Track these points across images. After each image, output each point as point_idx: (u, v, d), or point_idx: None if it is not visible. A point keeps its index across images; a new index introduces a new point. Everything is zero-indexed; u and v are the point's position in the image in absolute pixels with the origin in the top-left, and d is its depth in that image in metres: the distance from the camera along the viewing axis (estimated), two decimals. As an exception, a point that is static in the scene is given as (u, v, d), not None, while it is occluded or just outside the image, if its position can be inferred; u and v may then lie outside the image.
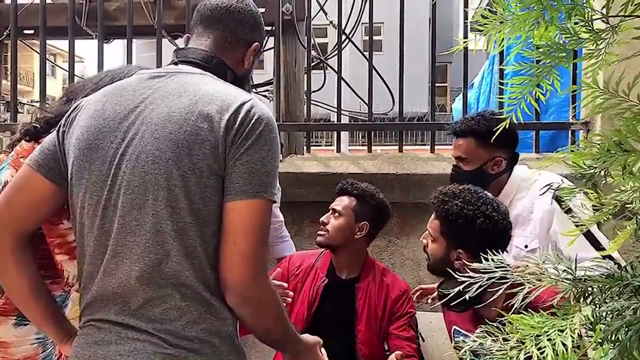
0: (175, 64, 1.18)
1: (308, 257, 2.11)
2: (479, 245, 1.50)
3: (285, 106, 3.13)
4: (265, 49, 3.52)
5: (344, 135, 8.64)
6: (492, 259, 1.05)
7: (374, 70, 3.87)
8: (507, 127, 1.05)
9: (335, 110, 2.92)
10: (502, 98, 1.90)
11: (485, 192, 1.65)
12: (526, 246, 1.84)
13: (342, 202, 2.02)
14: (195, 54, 1.18)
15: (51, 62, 6.22)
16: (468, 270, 1.53)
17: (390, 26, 2.72)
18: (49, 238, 1.34)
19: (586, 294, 0.99)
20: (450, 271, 1.56)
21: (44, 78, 2.85)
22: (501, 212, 1.58)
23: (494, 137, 1.17)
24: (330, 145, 11.42)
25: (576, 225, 1.19)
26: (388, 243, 2.67)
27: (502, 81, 2.66)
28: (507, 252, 1.87)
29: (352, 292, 1.98)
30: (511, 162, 1.91)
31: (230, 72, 1.20)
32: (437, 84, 18.00)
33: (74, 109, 1.17)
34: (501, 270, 1.01)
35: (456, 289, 1.12)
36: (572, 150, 1.00)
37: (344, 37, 4.00)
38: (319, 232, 2.02)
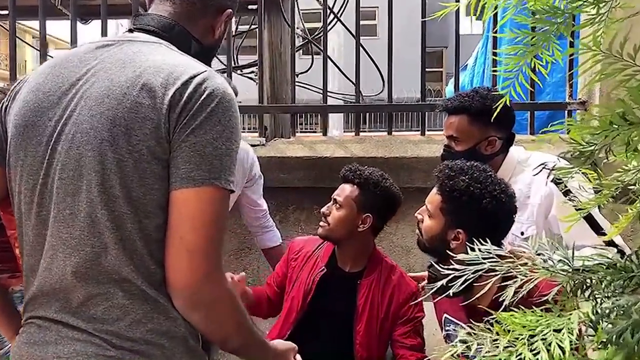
0: (131, 31, 1.04)
1: (310, 243, 1.97)
2: (480, 227, 1.43)
3: (270, 88, 3.00)
4: (250, 29, 3.39)
5: (338, 119, 8.52)
6: (480, 249, 0.94)
7: (364, 52, 3.74)
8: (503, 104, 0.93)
9: (332, 94, 2.79)
10: (496, 71, 1.75)
11: (493, 171, 1.55)
12: (522, 233, 1.73)
13: (343, 192, 1.84)
14: (154, 21, 1.03)
15: (30, 45, 6.04)
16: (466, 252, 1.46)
17: (386, 10, 2.59)
18: (8, 230, 1.25)
19: (584, 287, 0.88)
20: (444, 252, 1.46)
21: (14, 60, 2.71)
22: (509, 194, 1.48)
23: (489, 115, 1.05)
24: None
25: (576, 209, 1.09)
26: (377, 230, 2.56)
27: (495, 51, 2.53)
28: None
29: (354, 287, 1.82)
30: (507, 143, 1.79)
31: (196, 43, 1.07)
32: (432, 69, 17.93)
33: (18, 82, 1.05)
34: (490, 262, 0.90)
35: (449, 277, 1.01)
36: (569, 124, 0.89)
37: (332, 16, 3.87)
38: (320, 224, 1.87)
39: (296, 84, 2.85)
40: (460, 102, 1.75)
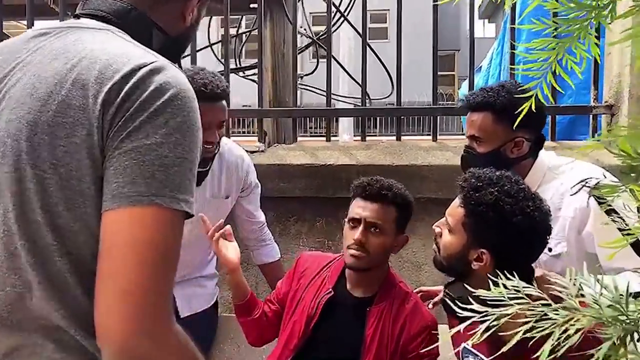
0: (77, 17, 0.86)
1: (318, 260, 1.74)
2: (508, 249, 1.24)
3: (272, 91, 2.83)
4: (253, 28, 3.22)
5: (349, 124, 8.33)
6: (504, 285, 0.76)
7: (373, 54, 3.56)
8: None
9: (337, 97, 2.60)
10: (514, 70, 1.56)
11: (527, 184, 1.34)
12: (550, 249, 1.53)
13: (381, 213, 1.58)
14: (106, 4, 0.84)
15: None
16: (488, 277, 1.25)
17: (395, 15, 2.41)
18: None
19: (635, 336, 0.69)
20: (464, 273, 1.30)
21: None
22: (544, 211, 1.28)
23: (517, 112, 0.87)
24: (335, 135, 11.08)
25: (620, 231, 0.90)
26: (384, 243, 2.36)
27: (516, 44, 2.32)
28: None
29: (363, 315, 1.60)
30: (535, 146, 1.58)
31: (159, 32, 0.88)
32: (444, 72, 17.71)
33: None
34: (518, 303, 0.72)
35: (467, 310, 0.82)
36: (620, 135, 0.70)
37: (341, 17, 3.70)
38: (352, 253, 1.58)
39: (302, 86, 2.67)
40: (484, 97, 1.55)
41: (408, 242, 1.69)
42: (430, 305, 1.74)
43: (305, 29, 3.62)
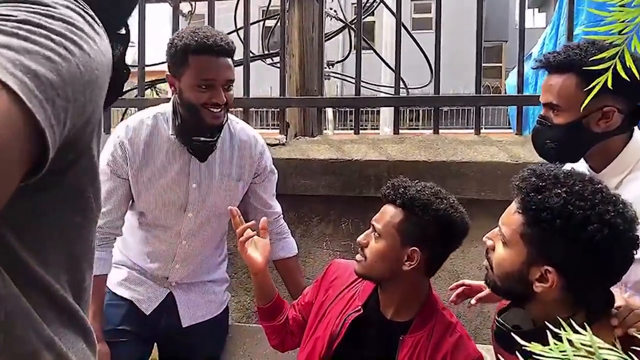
0: None
1: (350, 270, 1.50)
2: (582, 267, 0.98)
3: (299, 79, 2.60)
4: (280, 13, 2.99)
5: (390, 115, 8.05)
6: (570, 341, 0.51)
7: (413, 43, 3.28)
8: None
9: (372, 86, 2.37)
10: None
11: (604, 183, 1.08)
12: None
13: (383, 216, 1.39)
14: None
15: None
16: (556, 302, 1.01)
17: (441, 3, 2.16)
18: None
19: None
20: (524, 295, 1.05)
21: None
22: (629, 218, 1.00)
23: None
24: (376, 128, 10.72)
25: None
26: (418, 249, 2.11)
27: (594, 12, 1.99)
28: None
29: (395, 342, 1.37)
30: (629, 120, 1.28)
31: None
32: (490, 64, 17.08)
33: None
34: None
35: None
36: None
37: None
38: (357, 257, 1.43)
39: (333, 75, 2.44)
40: (568, 56, 1.25)
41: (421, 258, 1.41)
42: (473, 301, 1.49)
43: (335, 12, 3.38)
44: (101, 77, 0.57)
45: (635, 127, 1.34)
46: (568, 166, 1.43)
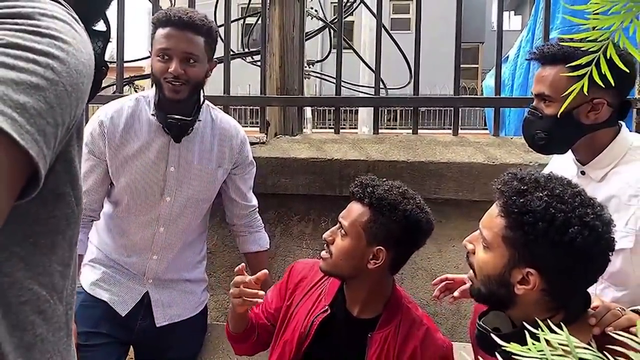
0: None
1: (315, 270, 1.51)
2: (562, 269, 1.00)
3: (280, 78, 2.60)
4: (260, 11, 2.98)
5: (368, 117, 8.08)
6: (547, 341, 0.53)
7: (393, 44, 3.31)
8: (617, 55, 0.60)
9: (352, 86, 2.37)
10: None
11: (583, 189, 1.11)
12: None
13: (350, 214, 1.40)
14: None
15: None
16: (536, 304, 1.04)
17: (420, 4, 2.18)
18: None
19: None
20: (505, 299, 1.07)
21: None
22: (606, 221, 1.04)
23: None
24: (355, 127, 10.76)
25: None
26: (396, 248, 2.13)
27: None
28: None
29: (363, 340, 1.38)
30: (618, 113, 1.32)
31: None
32: (467, 65, 17.26)
33: None
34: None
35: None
36: None
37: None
38: (322, 254, 1.43)
39: (314, 74, 2.44)
40: (561, 48, 1.29)
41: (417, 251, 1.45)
42: (457, 294, 1.50)
43: (316, 11, 3.39)
44: (86, 86, 0.58)
45: (623, 124, 1.38)
46: (547, 169, 1.47)
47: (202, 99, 1.66)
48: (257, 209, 1.89)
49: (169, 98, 1.57)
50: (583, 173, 1.38)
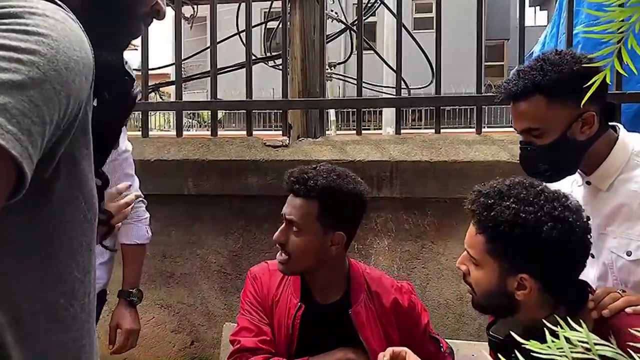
0: None
1: (273, 272, 1.49)
2: (551, 266, 1.07)
3: (301, 81, 2.62)
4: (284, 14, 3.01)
5: (391, 117, 8.06)
6: (567, 339, 0.52)
7: (413, 42, 3.29)
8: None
9: (374, 87, 2.38)
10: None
11: (544, 184, 1.16)
12: (629, 253, 1.26)
13: (299, 210, 1.38)
14: None
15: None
16: (538, 304, 1.10)
17: (442, 3, 2.17)
18: None
19: None
20: (509, 307, 1.12)
21: None
22: (574, 208, 1.10)
23: (572, 85, 0.65)
24: (379, 128, 10.73)
25: None
26: (421, 248, 2.12)
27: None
28: (592, 256, 1.31)
29: (346, 319, 1.42)
30: (605, 116, 1.30)
31: None
32: (492, 62, 17.05)
33: None
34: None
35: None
36: None
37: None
38: (278, 257, 1.41)
39: (336, 76, 2.45)
40: (528, 80, 1.25)
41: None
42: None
43: (336, 13, 3.40)
44: (79, 84, 0.56)
45: (622, 127, 1.35)
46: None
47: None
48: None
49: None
50: (589, 183, 1.35)
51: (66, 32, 0.55)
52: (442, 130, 2.28)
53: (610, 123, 1.33)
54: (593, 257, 1.32)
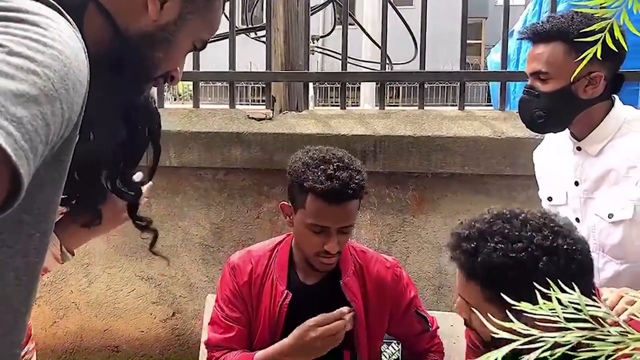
0: None
1: (257, 260, 1.47)
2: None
3: (284, 54, 2.60)
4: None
5: (371, 93, 8.02)
6: (559, 300, 0.55)
7: (399, 19, 3.28)
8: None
9: (356, 62, 2.37)
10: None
11: (529, 210, 1.06)
12: (611, 215, 1.31)
13: (350, 214, 1.39)
14: None
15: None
16: (550, 337, 1.03)
17: None
18: None
19: None
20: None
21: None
22: (565, 232, 1.00)
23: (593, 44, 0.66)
24: (357, 105, 10.71)
25: None
26: (402, 222, 2.16)
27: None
28: (577, 220, 1.34)
29: (336, 296, 1.42)
30: (612, 86, 1.33)
31: (106, 18, 0.67)
32: (470, 41, 17.04)
33: None
34: (580, 327, 0.51)
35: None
36: None
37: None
38: (324, 261, 1.38)
39: (318, 50, 2.43)
40: (554, 25, 1.28)
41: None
42: None
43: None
44: (78, 107, 0.54)
45: (617, 98, 1.39)
46: (542, 146, 1.46)
47: None
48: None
49: None
50: (579, 149, 1.39)
51: (76, 50, 0.53)
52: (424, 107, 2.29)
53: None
54: (578, 221, 1.36)
